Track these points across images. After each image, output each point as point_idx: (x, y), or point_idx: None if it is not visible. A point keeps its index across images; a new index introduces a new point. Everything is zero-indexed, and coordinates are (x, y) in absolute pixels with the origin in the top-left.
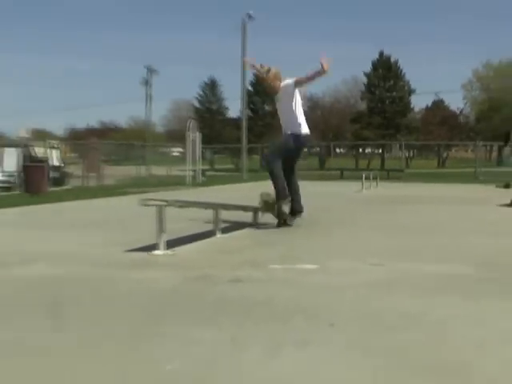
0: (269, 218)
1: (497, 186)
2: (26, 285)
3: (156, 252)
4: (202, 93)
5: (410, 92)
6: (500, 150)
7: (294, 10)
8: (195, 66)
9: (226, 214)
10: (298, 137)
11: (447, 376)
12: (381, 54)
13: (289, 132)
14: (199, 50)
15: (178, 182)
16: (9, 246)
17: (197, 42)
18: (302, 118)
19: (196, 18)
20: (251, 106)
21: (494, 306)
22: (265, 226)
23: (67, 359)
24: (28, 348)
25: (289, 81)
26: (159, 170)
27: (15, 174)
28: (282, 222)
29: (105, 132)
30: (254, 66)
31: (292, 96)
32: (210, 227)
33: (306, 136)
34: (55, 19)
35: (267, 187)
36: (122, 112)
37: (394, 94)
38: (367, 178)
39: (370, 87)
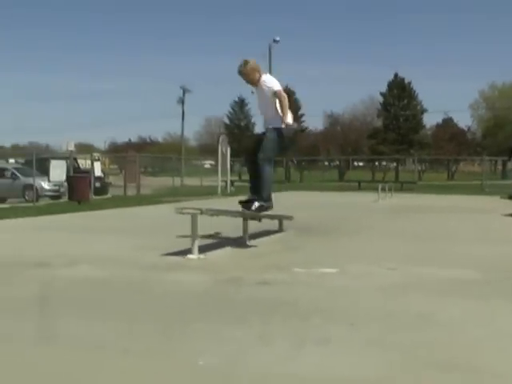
0: (289, 225)
1: (501, 197)
2: (70, 285)
3: (190, 256)
4: (231, 110)
5: (423, 111)
6: (504, 164)
7: (316, 34)
8: (226, 86)
9: (253, 222)
10: (280, 131)
11: (458, 372)
12: (395, 75)
13: (271, 127)
14: (229, 72)
15: (209, 192)
16: (56, 248)
17: (227, 64)
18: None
19: (227, 42)
20: None
21: (501, 307)
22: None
23: (108, 353)
24: (71, 341)
25: (272, 86)
26: (192, 181)
27: (62, 183)
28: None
29: (142, 146)
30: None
31: (272, 99)
32: (239, 234)
33: (288, 129)
34: (103, 46)
35: (291, 198)
36: (160, 128)
37: (408, 112)
38: (383, 190)
39: (385, 106)
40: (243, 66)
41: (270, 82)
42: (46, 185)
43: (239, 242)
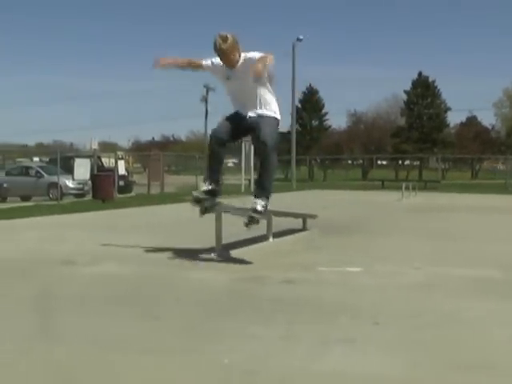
0: (313, 223)
1: None
2: (94, 282)
3: (213, 254)
4: None
5: (446, 109)
6: None
7: (339, 33)
8: None
9: (277, 220)
10: (273, 121)
11: (483, 372)
12: (419, 74)
13: (272, 115)
14: None
15: (233, 191)
16: (80, 246)
17: None
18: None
19: (250, 39)
20: (300, 121)
21: None
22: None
23: (133, 351)
24: (94, 340)
25: (255, 56)
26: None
27: (86, 182)
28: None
29: (166, 144)
30: (168, 64)
31: (260, 81)
32: (263, 232)
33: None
34: (130, 48)
35: (315, 196)
36: (183, 126)
37: (431, 110)
38: (407, 188)
39: (409, 104)
40: (223, 42)
41: (251, 55)
42: (70, 183)
43: (263, 240)
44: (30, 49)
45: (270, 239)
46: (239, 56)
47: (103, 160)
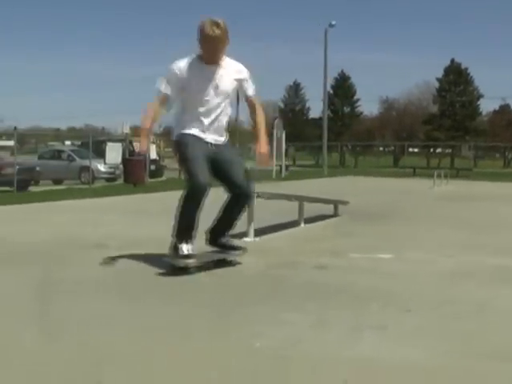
0: (344, 210)
1: None
2: (126, 267)
3: (245, 239)
4: (286, 95)
5: (479, 97)
6: None
7: (371, 18)
8: (281, 70)
9: (308, 206)
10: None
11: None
12: (452, 60)
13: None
14: (285, 57)
15: (264, 176)
16: (112, 230)
17: (283, 49)
18: None
19: (284, 29)
20: (331, 107)
21: None
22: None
23: (164, 336)
24: (124, 325)
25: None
26: (246, 165)
27: (117, 166)
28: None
29: None
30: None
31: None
32: (294, 217)
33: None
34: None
35: (346, 183)
36: None
37: (464, 98)
38: (438, 176)
39: (441, 91)
40: (217, 28)
41: (244, 71)
42: (101, 167)
43: (294, 226)
44: (57, 37)
45: (302, 225)
46: (224, 52)
47: (135, 144)
